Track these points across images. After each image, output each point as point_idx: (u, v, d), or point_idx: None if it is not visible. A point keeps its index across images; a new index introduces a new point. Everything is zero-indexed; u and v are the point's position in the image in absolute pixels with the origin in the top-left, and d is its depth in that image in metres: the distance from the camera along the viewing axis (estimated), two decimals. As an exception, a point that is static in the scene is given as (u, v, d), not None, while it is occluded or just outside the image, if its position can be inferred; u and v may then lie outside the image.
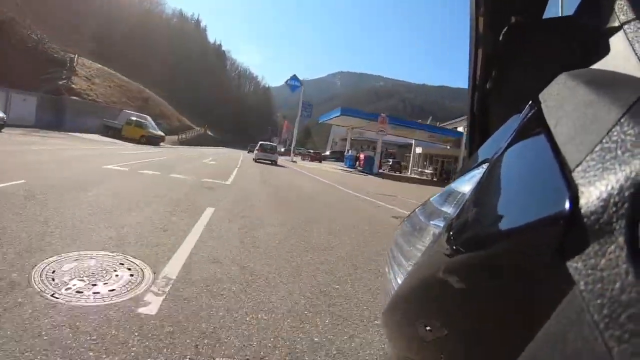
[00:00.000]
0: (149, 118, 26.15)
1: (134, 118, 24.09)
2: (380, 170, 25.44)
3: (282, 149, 50.19)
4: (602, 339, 0.18)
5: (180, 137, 37.44)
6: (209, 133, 61.45)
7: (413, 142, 34.92)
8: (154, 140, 23.57)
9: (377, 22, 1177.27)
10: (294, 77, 27.78)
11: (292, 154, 30.13)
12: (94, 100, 28.57)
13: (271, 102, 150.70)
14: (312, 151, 38.91)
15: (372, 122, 24.60)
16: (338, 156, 43.61)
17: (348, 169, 25.29)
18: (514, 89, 0.64)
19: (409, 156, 41.59)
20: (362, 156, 29.01)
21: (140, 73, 53.06)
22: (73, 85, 27.60)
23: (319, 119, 30.69)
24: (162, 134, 25.94)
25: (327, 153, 43.40)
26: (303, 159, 33.85)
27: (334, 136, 55.65)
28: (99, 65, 36.63)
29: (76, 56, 31.89)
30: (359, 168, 27.88)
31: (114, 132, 23.80)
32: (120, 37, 62.17)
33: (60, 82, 26.79)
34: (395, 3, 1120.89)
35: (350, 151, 29.52)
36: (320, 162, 33.48)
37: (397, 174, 31.52)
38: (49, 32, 31.29)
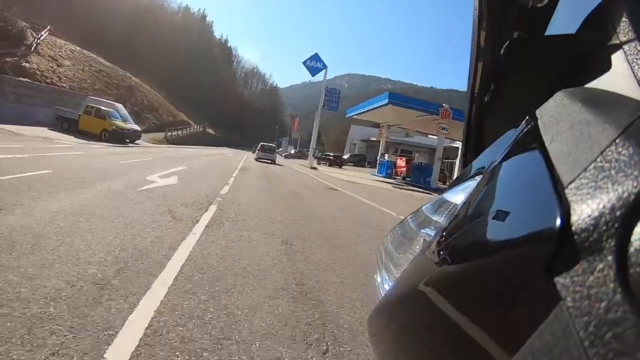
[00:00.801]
0: (119, 106, 19.43)
1: (94, 105, 17.45)
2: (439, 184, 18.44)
3: (293, 151, 43.39)
4: (587, 356, 0.18)
5: (168, 134, 29.55)
6: (209, 131, 54.92)
7: (460, 145, 27.95)
8: (122, 136, 16.89)
9: (385, 24, 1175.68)
10: (316, 56, 20.74)
11: (311, 158, 23.36)
12: (53, 84, 22.02)
13: (279, 100, 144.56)
14: (331, 155, 32.40)
15: (422, 117, 17.71)
16: (356, 160, 37.08)
17: (388, 180, 18.49)
18: (511, 104, 0.65)
19: (444, 162, 34.70)
20: (399, 162, 22.32)
21: (140, 66, 47.07)
22: (26, 64, 21.08)
23: (347, 112, 23.60)
24: (137, 128, 19.21)
25: (346, 157, 36.73)
26: (319, 163, 27.59)
27: (352, 137, 48.61)
28: (77, 47, 30.22)
29: (45, 32, 25.56)
30: (397, 177, 21.29)
31: (70, 124, 17.35)
32: (119, 27, 56.31)
33: (9, 59, 20.35)
34: (403, 6, 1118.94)
35: (386, 156, 22.53)
36: (340, 167, 27.42)
37: (441, 184, 25.08)
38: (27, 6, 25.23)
